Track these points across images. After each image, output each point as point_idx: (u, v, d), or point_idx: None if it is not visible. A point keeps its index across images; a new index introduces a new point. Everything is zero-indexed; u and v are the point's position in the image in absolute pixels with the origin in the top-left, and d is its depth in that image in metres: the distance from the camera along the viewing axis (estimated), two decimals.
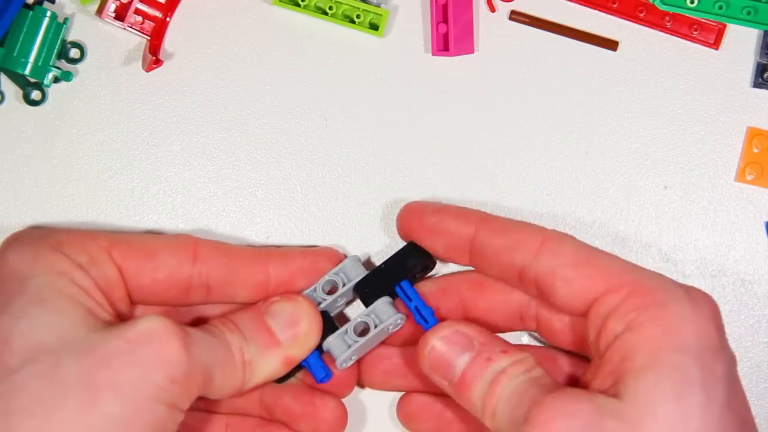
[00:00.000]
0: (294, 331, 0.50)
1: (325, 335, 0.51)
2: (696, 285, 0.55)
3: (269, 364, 0.50)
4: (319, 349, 0.52)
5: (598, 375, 0.46)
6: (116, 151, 0.55)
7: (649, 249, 0.55)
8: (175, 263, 0.51)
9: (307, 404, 0.53)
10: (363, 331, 0.52)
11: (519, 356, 0.48)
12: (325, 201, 0.56)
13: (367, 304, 0.52)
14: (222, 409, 0.54)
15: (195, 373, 0.46)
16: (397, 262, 0.52)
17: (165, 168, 0.55)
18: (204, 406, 0.53)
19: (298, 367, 0.51)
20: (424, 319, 0.51)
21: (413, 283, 0.52)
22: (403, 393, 0.55)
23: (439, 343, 0.49)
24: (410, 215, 0.52)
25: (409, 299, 0.51)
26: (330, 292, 0.52)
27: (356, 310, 0.55)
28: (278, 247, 0.54)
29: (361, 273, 0.52)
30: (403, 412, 0.54)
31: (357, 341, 0.51)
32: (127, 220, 0.55)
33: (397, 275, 0.52)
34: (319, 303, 0.52)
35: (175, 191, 0.56)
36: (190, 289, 0.51)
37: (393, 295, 0.52)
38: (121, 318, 0.50)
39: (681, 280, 0.55)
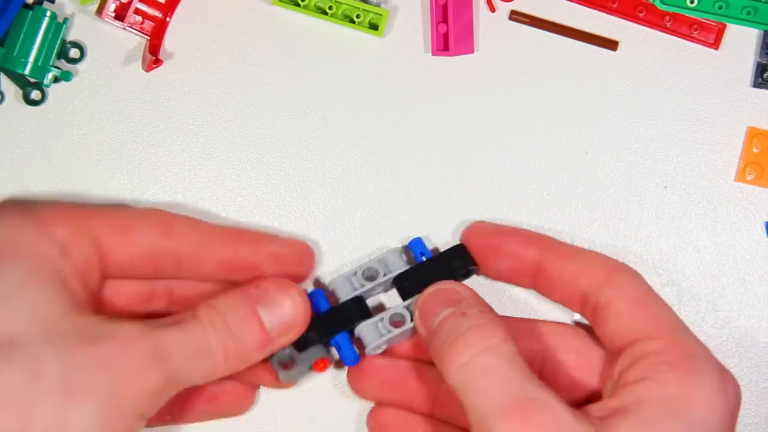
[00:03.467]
0: (285, 325, 0.50)
1: (358, 320, 0.52)
2: (696, 285, 0.55)
3: (256, 357, 0.50)
4: (350, 331, 0.52)
5: (604, 401, 0.47)
6: (116, 151, 0.55)
7: (649, 249, 0.55)
8: (151, 238, 0.50)
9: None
10: (397, 323, 0.52)
11: (492, 325, 0.48)
12: (325, 201, 0.56)
13: (404, 297, 0.52)
14: None
15: (169, 386, 0.47)
16: (442, 261, 0.52)
17: (165, 168, 0.55)
18: None
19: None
20: None
21: None
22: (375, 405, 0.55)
23: (430, 294, 0.50)
24: (476, 234, 0.53)
25: None
26: (368, 279, 0.53)
27: (391, 301, 0.55)
28: (253, 228, 0.54)
29: (402, 266, 0.53)
30: (374, 422, 0.55)
31: (391, 332, 0.52)
32: None
33: (440, 275, 0.52)
34: (356, 288, 0.52)
35: (175, 191, 0.56)
36: (161, 263, 0.51)
37: None
38: (95, 297, 0.50)
39: (681, 280, 0.55)
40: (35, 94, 0.55)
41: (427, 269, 0.52)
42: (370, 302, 0.54)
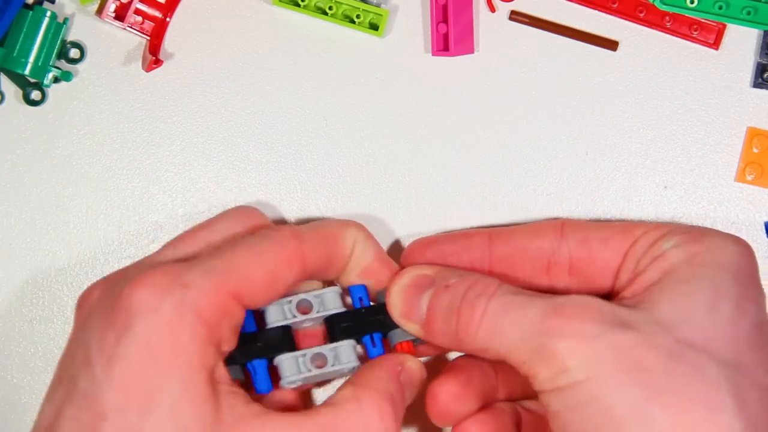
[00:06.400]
0: (414, 389, 0.50)
1: (281, 350, 0.50)
2: None
3: None
4: (269, 359, 0.50)
5: (627, 289, 0.47)
6: (116, 151, 0.55)
7: None
8: (291, 276, 0.48)
9: None
10: (319, 364, 0.50)
11: (484, 278, 0.48)
12: (325, 201, 0.56)
13: (332, 339, 0.51)
14: None
15: None
16: (379, 312, 0.51)
17: (165, 168, 0.56)
18: None
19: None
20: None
21: (384, 336, 0.52)
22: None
23: (398, 289, 0.50)
24: (416, 251, 0.52)
25: (373, 346, 0.51)
26: (301, 311, 0.51)
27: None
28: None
29: (338, 306, 0.51)
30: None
31: (310, 370, 0.50)
32: (127, 220, 0.55)
33: (373, 326, 0.51)
34: (287, 317, 0.50)
35: (175, 191, 0.56)
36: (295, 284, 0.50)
37: (359, 341, 0.51)
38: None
39: None
40: (35, 94, 0.55)
41: (362, 317, 0.51)
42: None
